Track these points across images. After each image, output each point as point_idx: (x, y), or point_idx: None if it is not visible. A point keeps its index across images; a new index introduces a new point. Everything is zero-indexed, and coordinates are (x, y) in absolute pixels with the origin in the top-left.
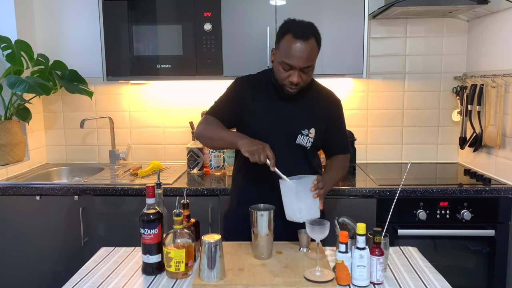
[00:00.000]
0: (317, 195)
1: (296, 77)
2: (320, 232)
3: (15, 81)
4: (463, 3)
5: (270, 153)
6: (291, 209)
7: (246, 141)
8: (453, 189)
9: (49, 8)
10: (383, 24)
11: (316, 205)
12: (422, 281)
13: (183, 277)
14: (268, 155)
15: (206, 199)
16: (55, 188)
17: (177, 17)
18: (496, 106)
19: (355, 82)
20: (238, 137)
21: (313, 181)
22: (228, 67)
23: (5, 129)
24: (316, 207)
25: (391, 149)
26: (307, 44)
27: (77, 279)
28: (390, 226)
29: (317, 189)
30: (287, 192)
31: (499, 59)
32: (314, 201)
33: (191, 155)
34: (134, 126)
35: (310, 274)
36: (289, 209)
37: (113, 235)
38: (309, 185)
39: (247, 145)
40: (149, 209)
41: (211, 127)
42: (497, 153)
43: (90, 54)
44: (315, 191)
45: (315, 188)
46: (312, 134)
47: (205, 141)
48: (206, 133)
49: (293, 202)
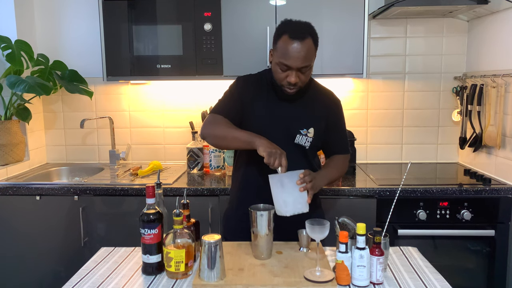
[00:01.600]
0: (304, 189)
1: (293, 78)
2: (320, 232)
3: (15, 81)
4: (463, 3)
5: (285, 161)
6: (278, 202)
7: (265, 142)
8: (453, 189)
9: (49, 8)
10: (383, 24)
11: (303, 199)
12: (422, 281)
13: (183, 277)
14: (282, 163)
15: (206, 199)
16: (55, 188)
17: (177, 17)
18: (496, 106)
19: (355, 82)
20: (256, 137)
21: (299, 174)
22: (228, 67)
23: (5, 129)
24: (304, 200)
25: (391, 149)
26: (303, 44)
27: (77, 279)
28: (390, 226)
29: (304, 182)
30: (274, 185)
31: (499, 59)
32: (301, 194)
33: (191, 155)
34: (134, 126)
35: (310, 274)
36: (276, 202)
37: (113, 235)
38: (295, 178)
39: (266, 145)
40: (149, 209)
41: (222, 126)
42: (497, 153)
43: (90, 54)
44: (301, 184)
45: (302, 181)
46: (311, 134)
47: (216, 140)
48: (216, 133)
49: (279, 195)
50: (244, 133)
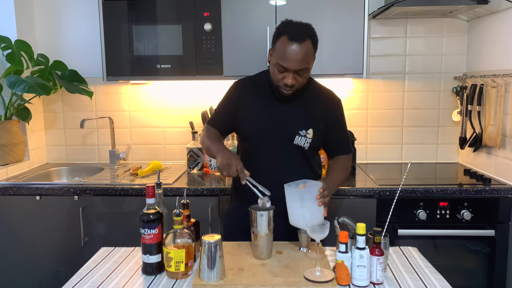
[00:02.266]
0: (321, 203)
1: (290, 79)
2: (320, 232)
3: (15, 81)
4: (463, 3)
5: (239, 166)
6: (295, 215)
7: (219, 157)
8: (453, 189)
9: (49, 8)
10: (383, 24)
11: (320, 213)
12: (422, 281)
13: (183, 277)
14: (238, 169)
15: (206, 199)
16: (55, 188)
17: (177, 17)
18: (496, 106)
19: (355, 82)
20: (218, 152)
21: (318, 189)
22: (228, 67)
23: (5, 129)
24: (321, 214)
25: (391, 149)
26: (302, 46)
27: (77, 279)
28: (390, 226)
29: (323, 197)
30: (291, 198)
31: (499, 59)
32: (319, 208)
33: (191, 155)
34: (134, 126)
35: (310, 274)
36: (293, 216)
37: (113, 235)
38: (314, 193)
39: (217, 161)
40: (149, 209)
41: (207, 138)
42: (497, 153)
43: (90, 54)
44: (320, 199)
45: (321, 196)
46: (310, 135)
47: (206, 152)
48: (204, 144)
49: (298, 209)
50: (215, 147)
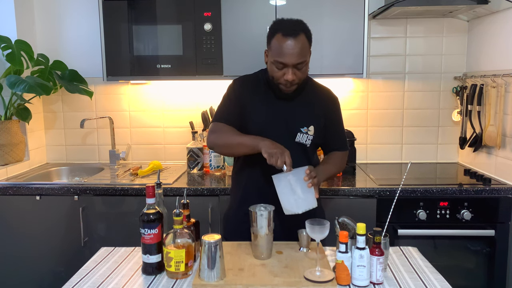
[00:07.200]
0: (311, 184)
1: (290, 75)
2: (320, 232)
3: (15, 81)
4: (463, 3)
5: (288, 159)
6: (288, 201)
7: (267, 143)
8: (453, 189)
9: (49, 8)
10: (383, 24)
11: (312, 194)
12: (422, 281)
13: (183, 277)
14: (286, 161)
15: (206, 199)
16: (55, 188)
17: (177, 17)
18: (496, 106)
19: (355, 82)
20: (260, 139)
21: (305, 171)
22: (228, 67)
23: (5, 129)
24: (312, 196)
25: (391, 149)
26: (297, 40)
27: (77, 279)
28: (390, 226)
29: (311, 178)
30: (281, 186)
31: (499, 59)
32: (310, 190)
33: (191, 155)
34: (134, 126)
35: (310, 274)
36: (285, 202)
37: (113, 235)
38: (302, 175)
39: (268, 146)
40: (149, 209)
41: (225, 134)
42: (497, 153)
43: (90, 54)
44: (309, 180)
45: (309, 177)
46: (311, 132)
47: (222, 150)
48: (221, 142)
49: (289, 195)
50: (247, 137)
